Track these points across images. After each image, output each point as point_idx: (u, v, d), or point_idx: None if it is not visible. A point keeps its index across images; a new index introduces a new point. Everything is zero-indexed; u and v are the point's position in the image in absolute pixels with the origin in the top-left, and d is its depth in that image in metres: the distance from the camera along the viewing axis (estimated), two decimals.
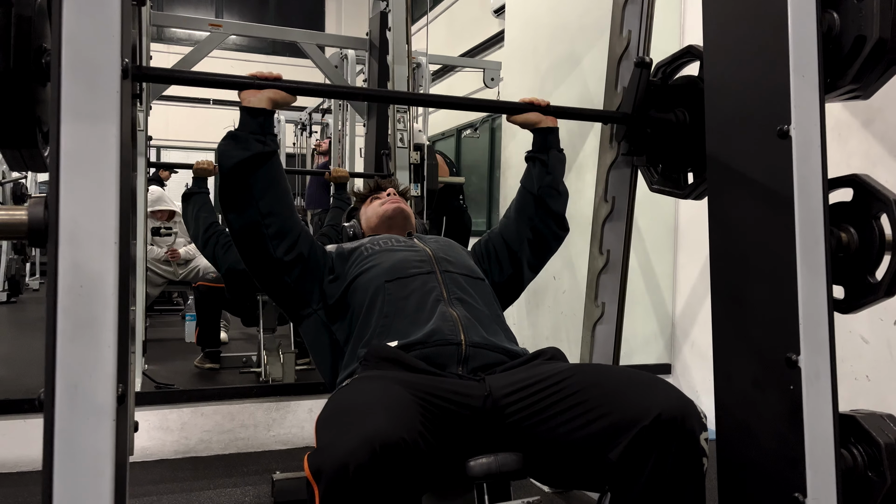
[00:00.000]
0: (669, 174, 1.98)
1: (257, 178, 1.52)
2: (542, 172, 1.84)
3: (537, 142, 1.88)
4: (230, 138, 1.53)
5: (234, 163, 1.50)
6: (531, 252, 1.85)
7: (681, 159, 1.93)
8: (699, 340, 3.45)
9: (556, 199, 1.84)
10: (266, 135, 1.55)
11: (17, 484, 2.52)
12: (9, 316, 6.35)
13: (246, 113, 1.55)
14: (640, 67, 1.92)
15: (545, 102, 1.85)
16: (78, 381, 0.89)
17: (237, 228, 1.55)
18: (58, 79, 0.89)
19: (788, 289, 1.25)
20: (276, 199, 1.54)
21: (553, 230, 1.85)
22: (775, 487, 1.28)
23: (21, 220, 0.90)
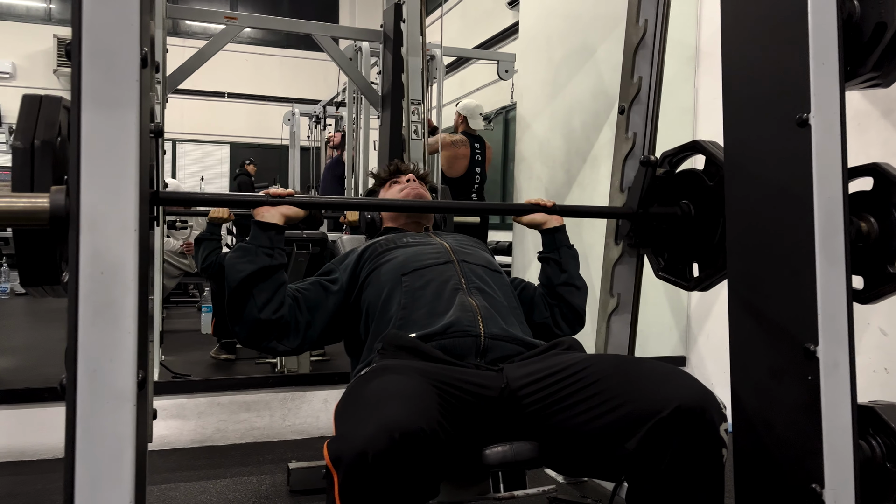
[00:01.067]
0: (674, 265, 2.03)
1: (262, 289, 1.54)
2: (557, 271, 1.86)
3: (546, 242, 1.90)
4: (239, 250, 1.57)
5: (243, 277, 1.52)
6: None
7: (686, 251, 1.97)
8: (714, 332, 3.43)
9: (576, 294, 1.85)
10: (274, 249, 1.58)
11: (37, 471, 2.56)
12: (27, 307, 6.42)
13: (257, 227, 1.59)
14: (645, 166, 1.99)
15: (550, 203, 1.89)
16: (99, 366, 0.90)
17: (244, 339, 1.58)
18: (78, 67, 0.89)
19: (807, 279, 1.24)
20: (277, 307, 1.55)
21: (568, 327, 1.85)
22: (792, 478, 1.27)
23: (43, 207, 0.91)
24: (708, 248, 1.85)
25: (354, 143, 5.97)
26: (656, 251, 2.09)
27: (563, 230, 1.89)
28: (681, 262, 2.00)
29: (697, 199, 1.88)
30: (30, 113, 1.15)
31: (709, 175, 1.84)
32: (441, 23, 4.73)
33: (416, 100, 3.60)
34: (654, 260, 2.10)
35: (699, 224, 1.87)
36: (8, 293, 6.80)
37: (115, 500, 0.90)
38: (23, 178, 1.10)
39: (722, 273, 1.84)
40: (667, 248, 2.04)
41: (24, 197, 0.92)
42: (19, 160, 1.10)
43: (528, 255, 3.91)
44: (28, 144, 1.11)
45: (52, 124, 1.16)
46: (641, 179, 1.99)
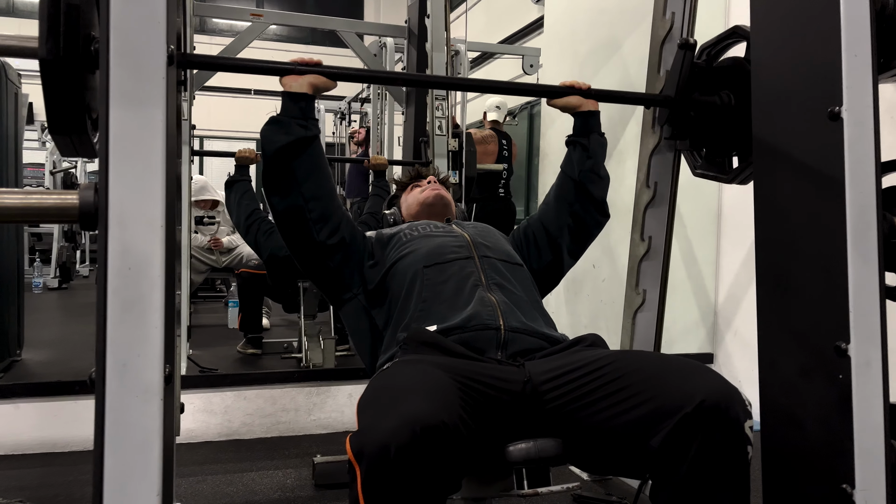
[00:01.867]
0: (713, 158, 1.94)
1: (300, 163, 1.54)
2: (583, 157, 1.82)
3: (578, 125, 1.85)
4: (272, 123, 1.56)
5: (277, 147, 1.52)
6: (571, 239, 1.83)
7: (726, 143, 1.88)
8: (742, 329, 3.39)
9: (597, 183, 1.83)
10: (308, 119, 1.57)
11: (68, 463, 2.61)
12: (60, 301, 6.55)
13: (287, 98, 1.57)
14: (683, 49, 1.88)
15: (586, 86, 1.83)
16: (127, 361, 0.91)
17: (280, 211, 1.58)
18: (106, 65, 0.91)
19: (838, 275, 1.22)
20: (319, 183, 1.56)
21: (594, 216, 1.84)
22: (822, 478, 1.25)
23: (73, 203, 0.93)
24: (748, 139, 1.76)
25: (379, 139, 5.99)
26: (694, 145, 2.01)
27: (597, 116, 1.86)
28: (720, 155, 1.92)
29: (738, 87, 1.79)
30: None
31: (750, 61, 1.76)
32: (465, 18, 4.73)
33: (441, 95, 3.59)
34: (691, 157, 2.02)
35: (740, 113, 1.78)
36: (41, 288, 6.94)
37: (143, 492, 0.92)
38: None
39: None
40: (705, 141, 1.96)
41: (55, 194, 0.93)
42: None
43: None
44: None
45: None
46: (679, 64, 1.88)
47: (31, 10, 10.61)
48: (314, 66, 1.60)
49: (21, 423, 2.71)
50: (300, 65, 1.60)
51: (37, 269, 7.09)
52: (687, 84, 1.88)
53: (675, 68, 1.91)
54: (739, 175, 1.85)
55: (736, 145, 1.86)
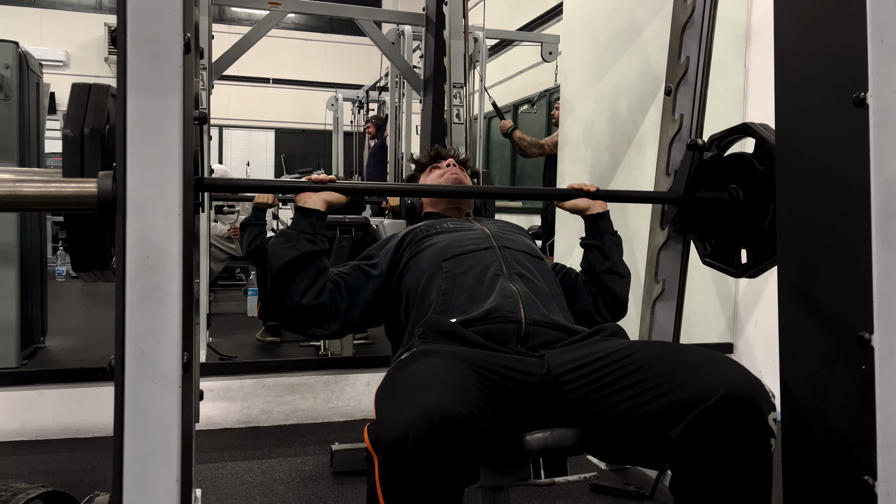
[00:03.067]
0: (722, 251, 1.97)
1: (303, 275, 1.55)
2: (600, 258, 1.82)
3: (589, 228, 1.86)
4: (282, 236, 1.59)
5: (284, 262, 1.54)
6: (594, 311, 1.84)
7: (734, 237, 1.91)
8: (763, 319, 3.35)
9: (618, 282, 1.82)
10: (316, 234, 1.59)
11: (91, 448, 2.65)
12: (82, 289, 6.63)
13: (299, 213, 1.60)
14: (692, 150, 1.93)
15: (594, 188, 1.85)
16: (146, 348, 0.92)
17: (286, 325, 1.60)
18: (123, 53, 0.91)
19: (862, 265, 1.19)
20: (318, 293, 1.57)
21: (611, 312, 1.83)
22: (844, 469, 1.23)
23: (91, 192, 0.93)
24: (757, 234, 1.80)
25: (397, 127, 5.98)
26: (703, 237, 2.04)
27: (607, 216, 1.86)
28: (728, 248, 1.95)
29: (746, 183, 1.82)
30: (79, 102, 1.18)
31: (759, 159, 1.78)
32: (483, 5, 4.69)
33: (459, 83, 3.58)
34: (701, 246, 2.05)
35: (748, 209, 1.82)
36: (64, 275, 7.04)
37: (162, 478, 0.93)
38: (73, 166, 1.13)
39: (771, 260, 1.79)
40: (714, 234, 1.99)
41: (73, 182, 0.94)
42: (70, 148, 1.13)
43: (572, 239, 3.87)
44: (78, 133, 1.13)
45: (100, 112, 1.18)
46: (688, 163, 1.94)
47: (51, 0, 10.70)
48: (328, 183, 1.64)
49: (45, 409, 2.75)
50: (314, 182, 1.64)
51: (60, 257, 7.18)
52: (695, 181, 1.94)
53: (684, 168, 1.97)
54: (748, 270, 1.88)
55: (744, 240, 1.88)
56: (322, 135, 10.10)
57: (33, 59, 3.23)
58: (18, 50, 3.03)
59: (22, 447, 2.65)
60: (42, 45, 9.92)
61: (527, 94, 7.94)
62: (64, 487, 1.28)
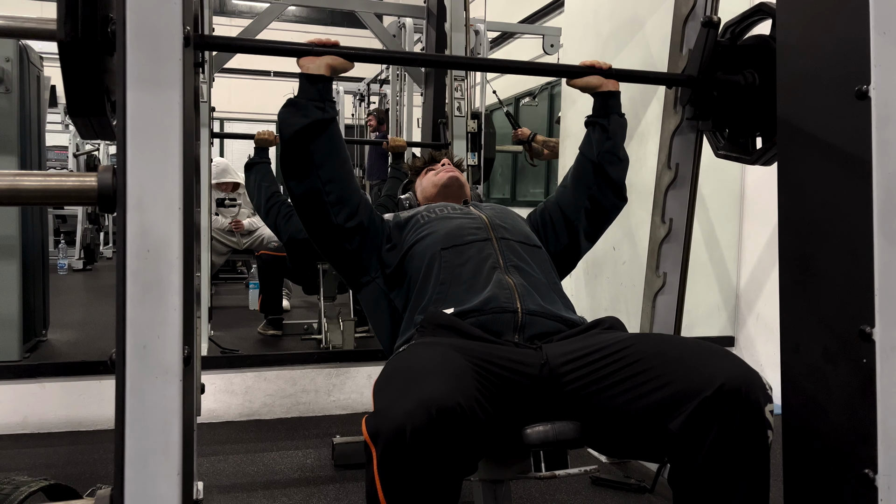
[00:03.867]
0: (737, 139, 1.91)
1: (317, 145, 1.53)
2: (603, 137, 1.80)
3: (598, 106, 1.83)
4: (290, 105, 1.55)
5: (295, 130, 1.51)
6: (588, 221, 1.82)
7: (749, 123, 1.85)
8: (765, 313, 3.35)
9: (617, 165, 1.80)
10: (325, 101, 1.55)
11: (94, 441, 2.66)
12: (84, 283, 6.64)
13: (305, 80, 1.56)
14: (706, 27, 1.83)
15: (607, 65, 1.80)
16: (147, 342, 0.91)
17: (298, 195, 1.57)
18: (123, 47, 0.90)
19: (863, 258, 1.19)
20: (336, 166, 1.55)
21: (611, 199, 1.82)
22: (844, 463, 1.23)
23: (91, 186, 0.93)
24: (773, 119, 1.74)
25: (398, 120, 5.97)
26: (717, 125, 1.97)
27: (618, 96, 1.83)
28: (743, 136, 1.88)
29: (762, 66, 1.75)
30: None
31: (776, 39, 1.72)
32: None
33: (460, 76, 3.57)
34: (714, 138, 1.99)
35: (764, 93, 1.74)
36: (66, 269, 7.05)
37: (164, 472, 0.93)
38: None
39: None
40: (728, 122, 1.93)
41: (73, 176, 0.94)
42: None
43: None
44: None
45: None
46: (703, 42, 1.84)
47: None
48: (331, 47, 1.59)
49: (47, 402, 2.76)
50: (317, 46, 1.59)
51: (61, 250, 7.19)
52: (710, 63, 1.84)
53: (698, 47, 1.86)
54: (763, 156, 1.82)
55: (760, 125, 1.82)
56: None
57: (34, 53, 3.23)
58: (19, 43, 3.02)
59: (24, 440, 2.66)
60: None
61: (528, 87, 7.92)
62: (66, 480, 1.29)
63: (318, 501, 2.17)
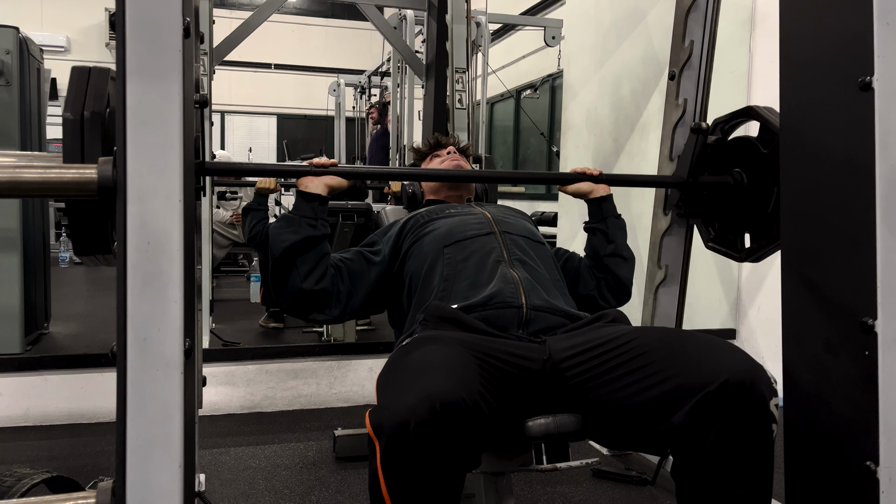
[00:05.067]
0: (726, 236, 1.96)
1: (304, 260, 1.54)
2: (604, 242, 1.82)
3: (593, 212, 1.85)
4: (283, 221, 1.57)
5: (285, 246, 1.53)
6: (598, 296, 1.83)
7: (738, 221, 1.90)
8: (766, 304, 3.35)
9: (623, 265, 1.81)
10: (318, 219, 1.58)
11: (96, 433, 2.67)
12: (86, 275, 6.64)
13: (301, 198, 1.59)
14: (696, 133, 1.90)
15: (597, 172, 1.83)
16: (147, 335, 0.91)
17: (286, 309, 1.62)
18: (122, 38, 0.90)
19: (866, 250, 1.19)
20: (320, 277, 1.56)
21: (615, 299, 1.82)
22: (846, 455, 1.23)
23: (91, 178, 0.93)
24: (761, 219, 1.79)
25: (399, 112, 5.95)
26: (706, 221, 2.03)
27: (610, 199, 1.85)
28: (732, 233, 1.94)
29: (750, 167, 1.81)
30: (79, 85, 1.17)
31: (763, 142, 1.77)
32: None
33: (461, 68, 3.56)
34: (704, 230, 2.04)
35: (752, 193, 1.81)
36: (67, 262, 7.05)
37: (164, 464, 0.93)
38: (73, 150, 1.12)
39: (775, 244, 1.78)
40: (717, 219, 1.98)
41: (73, 168, 0.93)
42: (70, 132, 1.12)
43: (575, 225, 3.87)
44: (78, 116, 1.13)
45: (100, 96, 1.17)
46: (692, 147, 1.92)
47: None
48: (329, 167, 1.62)
49: (49, 394, 2.77)
50: (316, 167, 1.62)
51: (63, 243, 7.19)
52: (698, 165, 1.92)
53: (688, 151, 1.93)
54: (752, 255, 1.87)
55: (748, 224, 1.87)
56: (324, 120, 10.07)
57: (34, 45, 3.21)
58: (19, 35, 3.01)
59: (26, 433, 2.67)
60: (43, 31, 9.88)
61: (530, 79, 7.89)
62: (68, 472, 1.29)
63: (320, 493, 2.18)
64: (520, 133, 8.42)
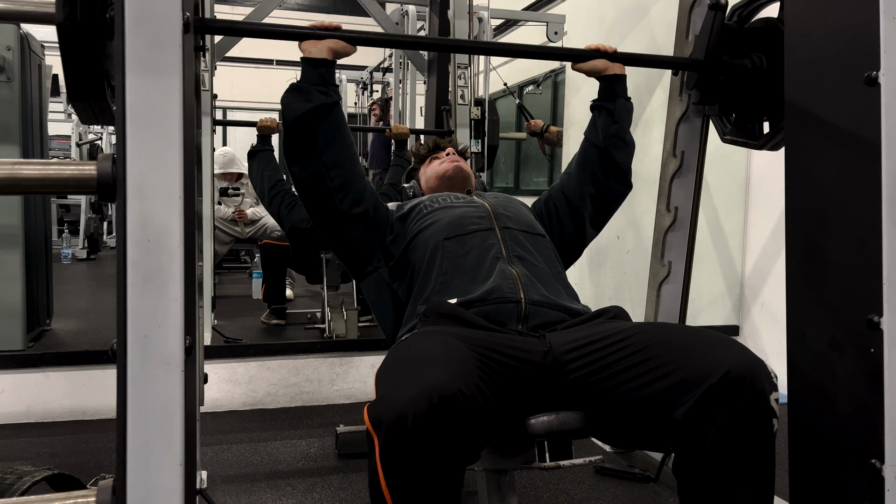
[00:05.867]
0: (743, 124, 1.89)
1: (321, 130, 1.52)
2: (609, 121, 1.78)
3: (603, 90, 1.81)
4: (292, 90, 1.54)
5: (298, 115, 1.50)
6: (593, 209, 1.80)
7: (756, 107, 1.83)
8: (770, 301, 3.34)
9: (623, 150, 1.79)
10: (328, 85, 1.54)
11: (98, 430, 2.67)
12: (88, 272, 6.65)
13: (307, 64, 1.55)
14: (713, 10, 1.81)
15: (612, 49, 1.79)
16: (148, 333, 0.91)
17: (302, 181, 1.56)
18: (121, 33, 0.89)
19: (872, 246, 1.18)
20: (340, 151, 1.54)
21: (616, 185, 1.80)
22: (851, 452, 1.23)
23: (90, 174, 0.92)
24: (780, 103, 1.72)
25: (400, 108, 5.94)
26: (723, 109, 1.95)
27: (624, 80, 1.81)
28: (750, 120, 1.86)
29: (770, 50, 1.73)
30: None
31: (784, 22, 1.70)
32: None
33: (463, 64, 3.54)
34: (720, 123, 1.97)
35: (771, 77, 1.73)
36: (69, 258, 7.05)
37: (165, 461, 0.92)
38: None
39: None
40: (735, 107, 1.91)
41: (73, 165, 0.92)
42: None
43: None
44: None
45: None
46: (709, 26, 1.82)
47: None
48: (333, 31, 1.57)
49: (51, 391, 2.76)
50: (319, 29, 1.57)
51: (65, 240, 7.20)
52: (717, 47, 1.82)
53: (705, 30, 1.83)
54: (770, 140, 1.80)
55: (767, 110, 1.80)
56: None
57: (35, 41, 3.21)
58: (20, 32, 3.01)
59: (28, 429, 2.67)
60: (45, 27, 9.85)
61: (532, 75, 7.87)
62: (70, 469, 1.28)
63: (322, 490, 2.17)
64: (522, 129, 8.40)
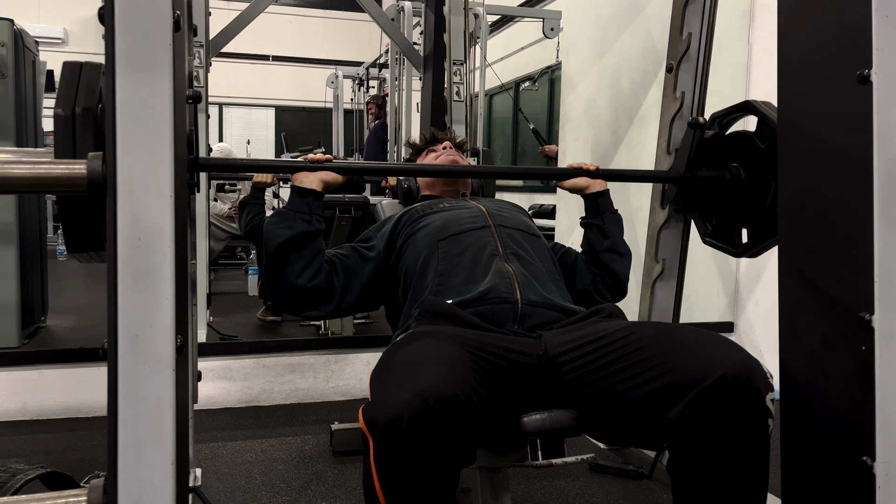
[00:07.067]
0: (723, 230, 1.96)
1: (299, 256, 1.54)
2: (600, 237, 1.81)
3: (589, 208, 1.85)
4: (278, 216, 1.57)
5: (279, 242, 1.53)
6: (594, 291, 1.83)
7: (735, 217, 1.90)
8: (764, 298, 3.34)
9: (619, 261, 1.81)
10: (312, 215, 1.57)
11: (93, 427, 2.66)
12: (84, 268, 6.62)
13: (296, 193, 1.58)
14: (693, 128, 1.90)
15: (594, 167, 1.83)
16: (139, 332, 0.91)
17: (281, 305, 1.60)
18: (111, 31, 0.89)
19: (863, 244, 1.18)
20: (314, 274, 1.56)
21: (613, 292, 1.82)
22: (842, 450, 1.23)
23: (80, 173, 0.91)
24: (758, 214, 1.79)
25: (397, 105, 5.93)
26: (704, 216, 2.02)
27: (607, 195, 1.84)
28: (729, 228, 1.93)
29: (748, 162, 1.80)
30: (70, 80, 1.16)
31: (761, 137, 1.76)
32: None
33: (459, 60, 3.54)
34: (702, 225, 2.04)
35: (749, 188, 1.80)
36: (65, 255, 7.04)
37: (156, 461, 0.92)
38: (65, 146, 1.11)
39: (772, 239, 1.78)
40: (715, 213, 1.98)
41: (63, 163, 0.92)
42: (61, 128, 1.11)
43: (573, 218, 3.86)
44: (69, 112, 1.11)
45: (92, 91, 1.16)
46: (689, 142, 1.92)
47: None
48: (324, 163, 1.62)
49: (46, 388, 2.76)
50: (311, 162, 1.62)
51: (60, 236, 7.18)
52: (696, 160, 1.91)
53: (685, 146, 1.94)
54: (749, 250, 1.87)
55: (745, 219, 1.87)
56: (322, 112, 10.04)
57: (29, 37, 3.20)
58: (14, 27, 2.99)
59: (23, 427, 2.67)
60: (40, 22, 9.83)
61: (528, 71, 7.87)
62: (65, 467, 1.29)
63: (317, 487, 2.17)
64: (518, 125, 8.40)
